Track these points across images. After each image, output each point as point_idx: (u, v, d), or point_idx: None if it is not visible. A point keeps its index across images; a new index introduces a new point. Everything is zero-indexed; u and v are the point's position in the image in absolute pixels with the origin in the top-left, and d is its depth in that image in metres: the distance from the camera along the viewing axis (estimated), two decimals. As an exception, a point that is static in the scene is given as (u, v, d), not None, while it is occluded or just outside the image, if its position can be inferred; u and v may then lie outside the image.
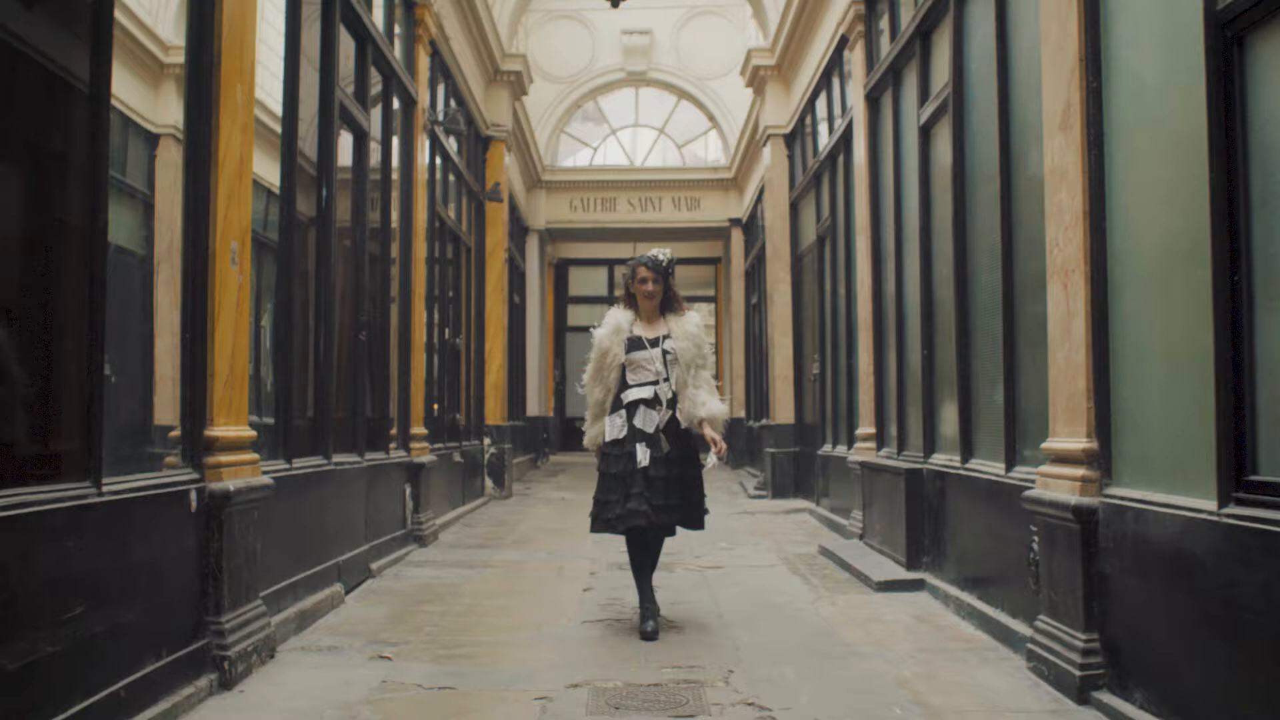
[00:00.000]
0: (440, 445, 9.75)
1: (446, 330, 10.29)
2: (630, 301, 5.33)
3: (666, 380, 5.13)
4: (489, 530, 9.31)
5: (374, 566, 6.74)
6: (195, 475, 4.15)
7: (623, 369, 5.18)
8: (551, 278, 20.74)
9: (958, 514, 5.85)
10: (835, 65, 9.57)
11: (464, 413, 11.11)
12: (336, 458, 6.19)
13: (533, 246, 17.76)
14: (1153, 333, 3.75)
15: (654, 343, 5.19)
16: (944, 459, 6.27)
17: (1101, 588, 3.87)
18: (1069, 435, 4.18)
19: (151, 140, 4.25)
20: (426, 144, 9.08)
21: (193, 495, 4.07)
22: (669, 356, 5.15)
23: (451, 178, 10.73)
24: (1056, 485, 4.18)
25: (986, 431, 5.66)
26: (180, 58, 4.28)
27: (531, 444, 17.28)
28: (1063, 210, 4.23)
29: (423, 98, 8.46)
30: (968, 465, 5.76)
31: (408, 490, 7.90)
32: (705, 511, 5.29)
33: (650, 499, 5.01)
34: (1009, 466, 5.14)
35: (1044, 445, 4.39)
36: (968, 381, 5.86)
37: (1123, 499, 3.78)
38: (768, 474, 12.09)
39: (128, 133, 4.03)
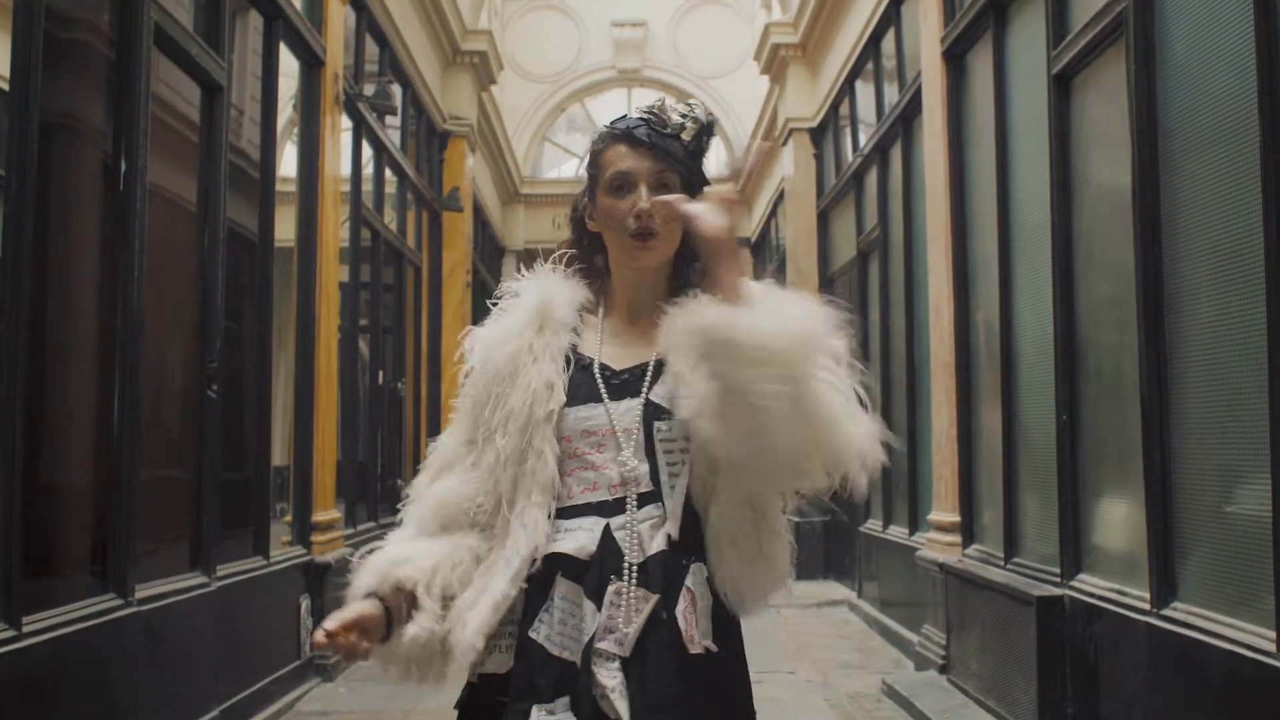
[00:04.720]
0: (371, 524, 7.46)
1: (382, 374, 8.01)
2: (588, 261, 1.74)
3: (656, 510, 1.60)
4: (430, 641, 6.97)
5: (228, 739, 4.46)
6: None
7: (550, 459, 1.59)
8: (534, 306, 18.41)
9: (1145, 688, 3.59)
10: (888, 25, 7.36)
11: (410, 476, 8.79)
12: (151, 587, 3.92)
13: (510, 270, 15.50)
14: None
15: (631, 385, 1.64)
16: (1105, 587, 4.01)
17: None
18: None
19: None
20: (347, 127, 6.84)
21: None
22: (664, 433, 1.60)
23: (391, 179, 8.46)
24: None
25: (1204, 560, 3.40)
26: None
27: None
28: None
29: (335, 58, 6.20)
30: (1166, 611, 3.50)
31: (305, 604, 5.61)
32: None
33: None
34: (1286, 638, 2.89)
35: None
36: (1164, 470, 3.60)
37: None
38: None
39: None
